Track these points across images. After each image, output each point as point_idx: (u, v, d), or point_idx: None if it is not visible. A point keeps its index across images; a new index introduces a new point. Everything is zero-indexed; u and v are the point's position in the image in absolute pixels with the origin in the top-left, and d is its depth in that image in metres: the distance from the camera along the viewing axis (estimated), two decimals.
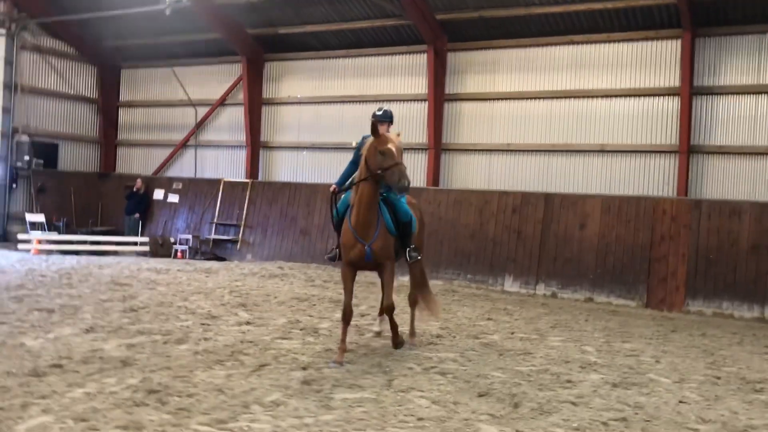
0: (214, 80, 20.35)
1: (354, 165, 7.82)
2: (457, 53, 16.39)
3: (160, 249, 19.22)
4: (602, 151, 14.75)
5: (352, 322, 7.92)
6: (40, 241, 17.82)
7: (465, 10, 15.37)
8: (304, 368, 6.85)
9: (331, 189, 8.01)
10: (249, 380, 6.27)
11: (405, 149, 15.78)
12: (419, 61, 16.74)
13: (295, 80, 19.01)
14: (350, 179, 7.85)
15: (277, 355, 7.36)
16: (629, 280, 13.35)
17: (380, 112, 8.08)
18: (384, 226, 7.46)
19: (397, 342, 7.90)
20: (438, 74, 16.11)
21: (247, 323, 9.29)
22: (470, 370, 7.20)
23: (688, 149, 13.53)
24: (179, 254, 18.99)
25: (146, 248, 19.17)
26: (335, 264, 8.78)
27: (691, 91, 13.51)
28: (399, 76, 17.20)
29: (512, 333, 9.80)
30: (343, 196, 7.96)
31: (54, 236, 18.54)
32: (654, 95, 14.15)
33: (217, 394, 5.72)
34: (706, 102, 13.69)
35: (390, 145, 7.06)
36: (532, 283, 14.23)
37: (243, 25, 18.49)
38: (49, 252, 17.60)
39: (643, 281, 13.22)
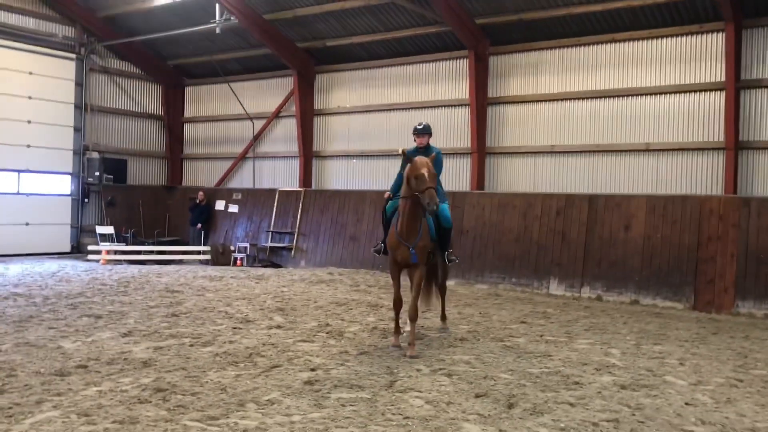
0: (268, 94, 21.08)
1: (401, 175, 8.80)
2: (499, 57, 16.39)
3: (221, 257, 20.00)
4: (647, 150, 14.42)
5: (374, 323, 8.62)
6: (108, 252, 18.90)
7: (505, 14, 15.36)
8: (312, 369, 7.12)
9: (386, 196, 9.19)
10: (255, 380, 6.60)
11: (449, 154, 16.35)
12: (461, 66, 16.85)
13: (343, 90, 19.46)
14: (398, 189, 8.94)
15: (292, 357, 7.67)
16: (676, 281, 12.98)
17: (420, 126, 9.12)
18: (427, 231, 8.45)
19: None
20: (480, 78, 16.16)
21: (278, 327, 9.65)
22: (479, 372, 7.29)
23: (735, 145, 13.05)
24: (238, 262, 19.73)
25: (208, 257, 20.00)
26: (372, 260, 9.77)
27: (737, 85, 13.05)
28: (442, 82, 17.35)
29: (541, 336, 9.75)
30: (390, 202, 9.03)
31: (121, 247, 19.61)
32: (699, 91, 13.73)
33: (218, 393, 6.08)
34: (755, 96, 13.17)
35: (423, 171, 7.87)
36: (577, 286, 14.05)
37: (292, 40, 19.09)
38: (117, 262, 18.65)
39: (690, 283, 12.83)
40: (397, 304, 8.62)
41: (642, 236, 13.48)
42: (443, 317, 9.93)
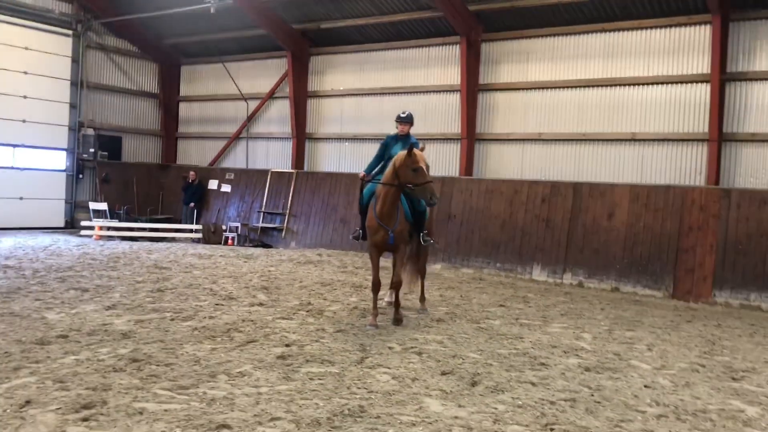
0: (263, 75, 21.19)
1: (379, 159, 9.40)
2: (491, 43, 16.51)
3: (212, 236, 20.21)
4: (633, 139, 14.59)
5: (355, 303, 9.13)
6: (101, 228, 19.10)
7: (498, 1, 15.47)
8: (287, 345, 7.33)
9: (361, 176, 9.43)
10: (230, 354, 6.81)
11: (440, 139, 16.45)
12: (453, 52, 16.97)
13: (337, 73, 19.57)
14: (376, 171, 9.39)
15: (269, 333, 7.88)
16: (656, 270, 13.21)
17: (404, 115, 9.45)
18: (403, 215, 8.79)
19: (397, 319, 8.94)
20: (471, 64, 16.28)
21: (260, 304, 9.86)
22: (449, 351, 7.50)
23: (719, 137, 13.22)
24: (229, 241, 19.94)
25: (200, 235, 20.20)
26: (360, 243, 10.26)
27: (723, 77, 13.19)
28: (434, 68, 17.48)
29: (516, 319, 9.96)
30: (368, 185, 9.22)
31: (114, 223, 19.81)
32: (685, 82, 13.88)
33: (192, 365, 6.29)
34: (739, 88, 13.32)
35: (422, 164, 8.22)
36: (559, 272, 14.27)
37: (288, 21, 19.17)
38: (110, 238, 18.86)
39: (670, 272, 13.06)
40: (376, 286, 8.88)
41: (625, 225, 13.69)
42: (422, 299, 10.19)
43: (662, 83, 14.16)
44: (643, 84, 14.39)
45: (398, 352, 7.36)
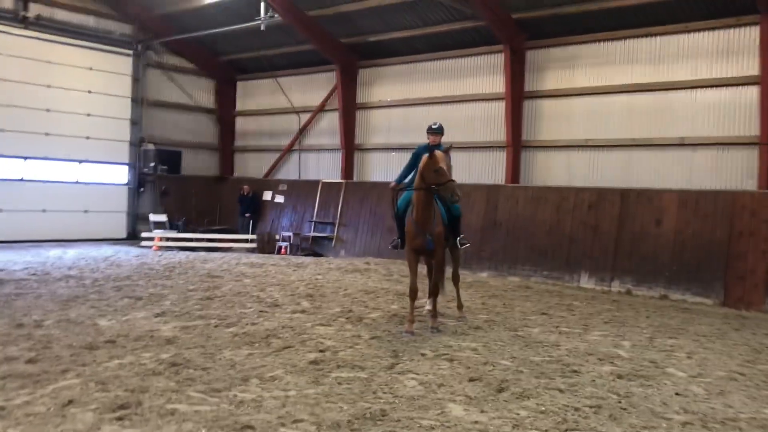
0: (313, 88, 21.69)
1: (410, 168, 9.68)
2: (535, 51, 16.48)
3: (267, 246, 20.78)
4: (681, 144, 14.30)
5: (395, 311, 9.52)
6: (160, 239, 19.87)
7: (540, 8, 15.43)
8: (321, 351, 7.57)
9: (391, 186, 9.88)
10: (265, 359, 7.09)
11: (485, 147, 16.55)
12: (498, 60, 17.01)
13: (385, 85, 19.86)
14: (408, 181, 9.67)
15: (306, 340, 8.13)
16: (706, 277, 12.90)
17: (435, 126, 9.67)
18: (440, 219, 9.10)
19: (434, 327, 9.15)
20: (516, 72, 16.29)
21: (302, 312, 10.14)
22: (480, 359, 7.58)
23: None
24: (282, 250, 20.44)
25: (255, 245, 20.77)
26: (399, 252, 10.42)
27: None
28: (480, 76, 17.55)
29: (556, 327, 9.91)
30: (403, 194, 9.61)
31: (173, 234, 20.57)
32: (735, 85, 13.53)
33: (227, 369, 6.59)
34: None
35: (442, 164, 8.55)
36: (607, 280, 14.10)
37: (336, 36, 19.59)
38: (168, 248, 19.59)
39: (720, 279, 12.73)
40: (414, 292, 9.12)
41: (673, 231, 13.43)
42: (459, 306, 10.30)
43: (710, 86, 13.84)
44: (690, 87, 14.10)
45: (430, 359, 7.49)
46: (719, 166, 13.82)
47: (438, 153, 8.73)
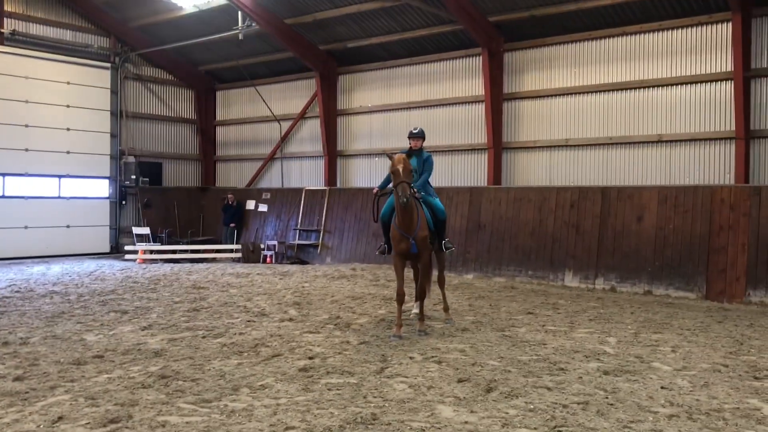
0: (294, 96, 21.73)
1: None
2: (513, 53, 16.65)
3: (251, 255, 20.70)
4: (659, 141, 14.51)
5: (383, 315, 9.55)
6: (144, 252, 19.77)
7: (516, 11, 15.61)
8: (310, 358, 7.59)
9: (374, 191, 10.02)
10: (254, 368, 7.10)
11: (467, 150, 16.65)
12: (476, 63, 17.16)
13: (365, 90, 19.95)
14: (391, 186, 9.54)
15: (295, 347, 8.15)
16: (688, 272, 13.08)
17: (416, 131, 9.87)
18: (424, 223, 9.12)
19: (421, 329, 9.20)
20: (494, 74, 16.44)
21: (290, 320, 10.16)
22: (468, 360, 7.65)
23: (746, 134, 13.07)
24: (267, 259, 20.40)
25: (239, 255, 20.71)
26: (386, 256, 10.32)
27: (747, 74, 13.06)
28: (459, 80, 17.70)
29: (543, 326, 10.01)
30: (388, 199, 9.69)
31: (157, 247, 20.48)
32: (709, 81, 13.78)
33: (217, 380, 6.60)
34: (765, 84, 13.15)
35: (398, 167, 8.69)
36: (591, 278, 14.24)
37: (314, 42, 19.64)
38: (153, 261, 19.49)
39: (702, 273, 12.92)
40: (401, 297, 9.21)
41: (654, 227, 13.61)
42: (446, 308, 10.36)
43: (686, 83, 14.08)
44: (667, 85, 14.33)
45: (418, 362, 7.54)
46: (698, 161, 14.04)
47: (397, 156, 8.87)
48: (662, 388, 6.62)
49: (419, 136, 9.71)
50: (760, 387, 6.73)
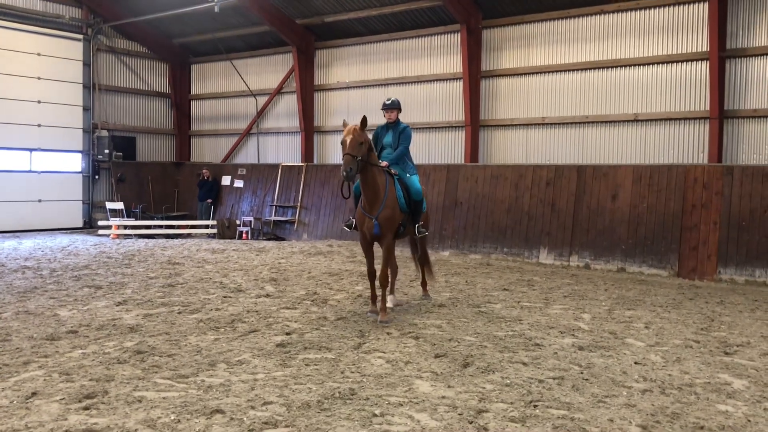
0: (270, 70, 21.48)
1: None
2: (492, 30, 16.60)
3: (227, 231, 20.57)
4: (635, 120, 14.63)
5: (360, 291, 9.66)
6: (118, 227, 19.53)
7: None
8: (287, 333, 7.59)
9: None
10: (231, 344, 7.08)
11: (444, 127, 16.57)
12: (455, 40, 17.08)
13: (343, 66, 19.78)
14: None
15: (272, 323, 8.13)
16: (661, 249, 13.27)
17: (389, 102, 9.19)
18: (392, 202, 8.43)
19: (382, 320, 8.36)
20: (473, 51, 16.39)
21: (267, 296, 10.12)
22: (445, 335, 7.70)
23: (720, 114, 13.22)
24: (243, 235, 20.28)
25: (215, 231, 20.57)
26: (352, 231, 9.35)
27: (722, 54, 13.18)
28: (437, 56, 17.62)
29: (518, 302, 10.10)
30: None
31: (131, 222, 20.24)
32: (685, 61, 13.89)
33: (193, 355, 6.56)
34: (740, 65, 13.30)
35: (346, 138, 8.06)
36: (566, 255, 14.38)
37: (291, 16, 19.38)
38: (127, 237, 19.28)
39: (674, 250, 13.12)
40: (372, 275, 8.84)
41: (628, 205, 13.75)
42: (423, 284, 10.23)
43: (662, 63, 14.18)
44: (643, 64, 14.42)
45: (395, 337, 7.56)
46: (672, 140, 14.18)
47: (349, 126, 8.16)
48: (636, 363, 6.73)
49: (393, 107, 9.06)
50: (730, 362, 6.87)
